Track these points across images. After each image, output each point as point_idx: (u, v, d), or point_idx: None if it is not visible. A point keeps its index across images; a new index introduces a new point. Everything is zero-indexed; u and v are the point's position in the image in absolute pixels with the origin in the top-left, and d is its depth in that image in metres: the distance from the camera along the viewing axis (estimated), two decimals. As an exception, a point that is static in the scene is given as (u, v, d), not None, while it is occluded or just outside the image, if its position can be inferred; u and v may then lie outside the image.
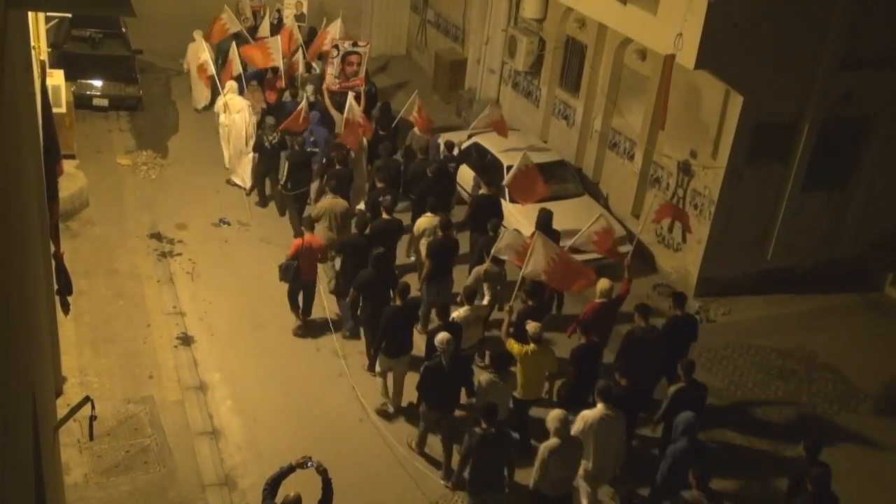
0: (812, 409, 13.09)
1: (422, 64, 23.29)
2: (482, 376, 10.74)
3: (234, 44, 18.12)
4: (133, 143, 18.38)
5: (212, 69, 17.68)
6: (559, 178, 16.26)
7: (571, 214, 15.13)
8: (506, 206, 14.96)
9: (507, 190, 15.09)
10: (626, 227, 15.78)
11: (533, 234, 12.55)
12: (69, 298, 10.79)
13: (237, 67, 17.58)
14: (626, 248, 15.34)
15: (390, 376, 11.96)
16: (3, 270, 4.42)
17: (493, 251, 12.56)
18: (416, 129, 16.62)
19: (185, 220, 15.96)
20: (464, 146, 16.50)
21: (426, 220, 13.65)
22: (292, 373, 12.73)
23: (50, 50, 16.43)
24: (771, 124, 14.23)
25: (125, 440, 11.17)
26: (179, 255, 15.02)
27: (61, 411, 9.41)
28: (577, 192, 16.23)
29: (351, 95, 16.12)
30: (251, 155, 16.31)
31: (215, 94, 18.40)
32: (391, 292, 11.99)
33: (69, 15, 17.69)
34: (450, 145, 15.96)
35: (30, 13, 9.88)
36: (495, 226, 13.46)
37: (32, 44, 10.60)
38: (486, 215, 13.85)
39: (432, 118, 16.94)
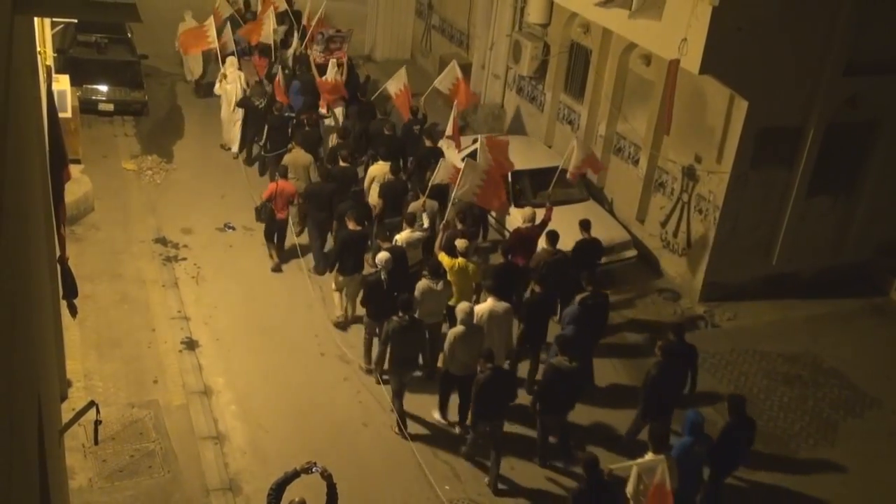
0: (818, 414, 13.06)
1: (426, 69, 23.31)
2: (420, 283, 12.28)
3: (228, 24, 19.27)
4: (138, 148, 18.43)
5: (215, 42, 18.53)
6: (564, 183, 16.24)
7: (576, 220, 15.13)
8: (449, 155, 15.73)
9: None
10: (630, 233, 15.77)
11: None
12: (74, 302, 10.80)
13: (231, 45, 18.85)
14: (632, 253, 15.40)
15: (344, 292, 13.68)
16: (9, 275, 4.43)
17: (430, 183, 14.55)
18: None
19: (189, 224, 15.99)
20: (469, 151, 16.50)
21: (378, 168, 15.26)
22: (297, 377, 12.74)
23: (56, 55, 16.49)
24: (776, 129, 14.22)
25: (130, 444, 11.18)
26: (184, 259, 15.05)
27: (66, 415, 9.42)
28: (582, 197, 16.20)
29: (332, 62, 17.93)
30: (240, 121, 17.95)
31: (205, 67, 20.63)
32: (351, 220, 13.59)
33: (75, 20, 17.73)
34: (414, 110, 17.34)
35: (36, 18, 9.91)
36: (431, 169, 15.10)
37: (38, 49, 10.63)
38: (429, 163, 15.42)
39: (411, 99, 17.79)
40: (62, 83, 15.64)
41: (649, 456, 9.68)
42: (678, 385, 11.63)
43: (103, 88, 19.18)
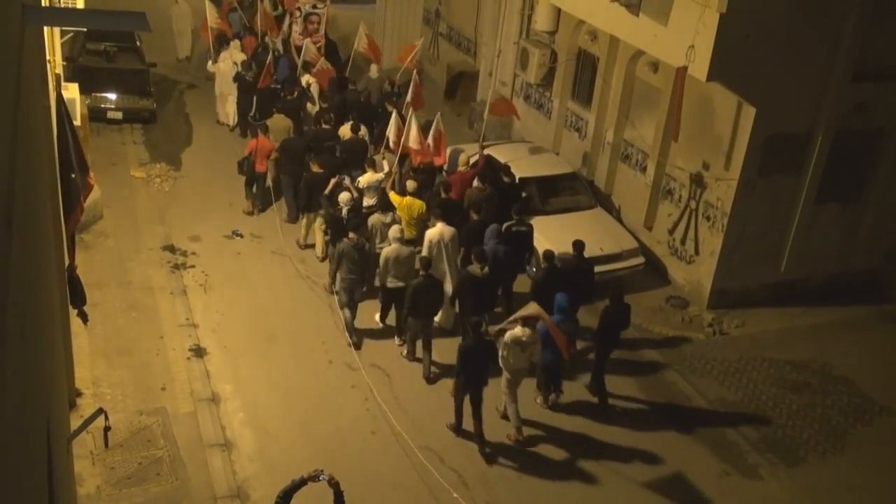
0: (827, 421, 13.01)
1: (434, 76, 23.35)
2: (371, 218, 14.07)
3: (209, 5, 20.69)
4: (147, 156, 18.51)
5: (218, 24, 20.35)
6: (571, 191, 16.24)
7: (584, 227, 15.12)
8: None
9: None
10: (638, 240, 15.75)
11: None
12: (84, 309, 10.82)
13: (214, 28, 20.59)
14: (640, 260, 15.38)
15: (310, 226, 15.60)
16: (18, 284, 4.44)
17: (386, 140, 16.33)
18: (370, 74, 19.82)
19: (198, 232, 16.03)
20: (475, 158, 16.52)
21: (347, 127, 17.10)
22: (304, 385, 12.75)
23: (65, 63, 16.58)
24: (783, 136, 14.20)
25: (138, 452, 11.20)
26: (192, 267, 15.08)
27: (74, 423, 9.45)
28: (590, 204, 16.20)
29: (308, 41, 19.93)
30: (234, 96, 19.48)
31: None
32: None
33: (84, 29, 17.83)
34: (391, 82, 19.02)
35: (45, 27, 9.97)
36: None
37: (48, 57, 10.69)
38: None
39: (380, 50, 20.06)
40: (71, 91, 15.72)
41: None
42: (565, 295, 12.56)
43: (112, 97, 19.28)
